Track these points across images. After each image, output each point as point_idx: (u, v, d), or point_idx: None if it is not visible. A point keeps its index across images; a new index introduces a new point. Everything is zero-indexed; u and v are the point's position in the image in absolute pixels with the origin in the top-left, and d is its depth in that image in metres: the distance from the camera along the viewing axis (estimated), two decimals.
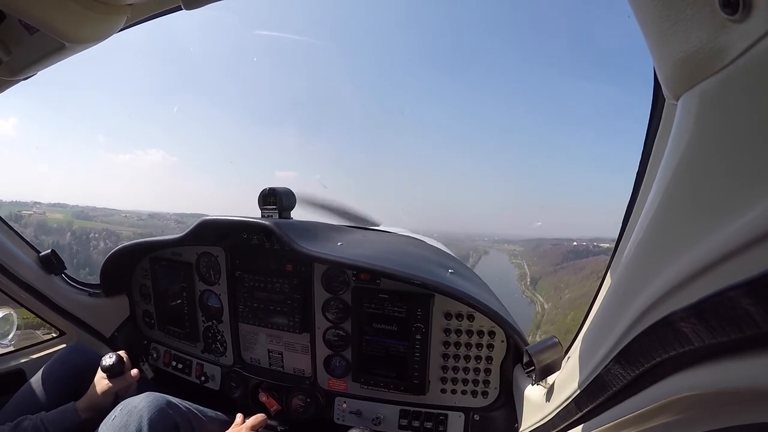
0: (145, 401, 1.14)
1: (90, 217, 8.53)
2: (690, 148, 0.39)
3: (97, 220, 8.24)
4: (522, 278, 9.46)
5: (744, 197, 0.31)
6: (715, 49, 0.34)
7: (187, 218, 6.91)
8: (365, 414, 1.48)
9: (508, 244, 11.14)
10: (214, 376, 1.73)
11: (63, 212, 8.38)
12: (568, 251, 8.72)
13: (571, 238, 9.19)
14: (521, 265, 9.51)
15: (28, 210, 6.63)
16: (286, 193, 1.57)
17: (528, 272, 9.03)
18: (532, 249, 10.74)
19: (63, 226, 7.69)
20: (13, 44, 0.96)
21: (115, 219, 8.26)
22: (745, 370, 0.34)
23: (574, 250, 8.85)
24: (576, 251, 8.49)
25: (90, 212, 8.73)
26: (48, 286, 1.70)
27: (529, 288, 8.69)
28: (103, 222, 8.11)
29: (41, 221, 7.31)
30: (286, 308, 1.56)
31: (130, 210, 9.58)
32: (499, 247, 11.45)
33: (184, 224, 7.15)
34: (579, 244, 8.38)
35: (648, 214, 0.46)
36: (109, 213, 8.54)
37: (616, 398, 0.58)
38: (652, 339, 0.44)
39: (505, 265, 10.14)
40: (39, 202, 7.94)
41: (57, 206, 8.51)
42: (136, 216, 8.30)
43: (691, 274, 0.36)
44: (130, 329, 1.94)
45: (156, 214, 9.24)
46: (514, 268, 10.06)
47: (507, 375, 1.35)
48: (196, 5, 0.84)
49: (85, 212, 8.70)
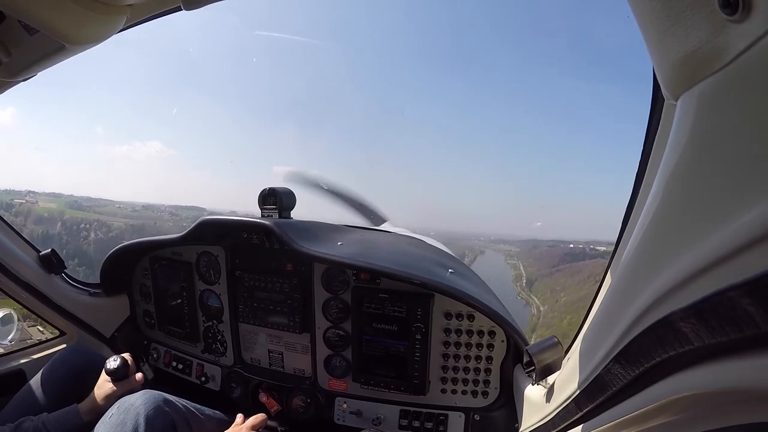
0: (142, 399, 1.14)
1: (83, 207, 8.47)
2: (689, 148, 0.39)
3: (90, 210, 8.18)
4: (518, 279, 9.32)
5: (744, 197, 0.31)
6: (714, 49, 0.34)
7: (182, 210, 6.91)
8: (365, 414, 1.48)
9: (504, 244, 11.09)
10: (214, 377, 1.73)
11: (57, 202, 8.32)
12: (565, 253, 8.64)
13: (567, 240, 9.10)
14: (517, 266, 9.39)
15: (20, 199, 6.57)
16: (286, 193, 1.57)
17: (524, 273, 8.89)
18: (529, 250, 10.69)
19: (54, 215, 7.61)
20: (13, 45, 0.96)
21: (108, 210, 8.22)
22: (745, 370, 0.34)
23: (570, 252, 8.78)
24: (572, 254, 8.42)
25: (84, 202, 8.70)
26: (48, 286, 1.70)
27: (525, 289, 8.55)
28: (95, 212, 8.04)
29: (32, 210, 7.21)
30: (286, 308, 1.56)
31: (124, 201, 9.59)
32: (495, 247, 11.42)
33: (178, 216, 7.10)
34: (575, 246, 8.30)
35: (648, 214, 0.46)
36: (103, 203, 8.54)
37: (616, 398, 0.58)
38: (652, 339, 0.44)
39: (501, 265, 10.09)
40: (34, 192, 7.94)
41: (52, 196, 8.50)
42: (130, 207, 8.30)
43: (690, 274, 0.36)
44: (131, 329, 1.94)
45: (150, 205, 9.20)
46: (509, 268, 9.97)
47: (507, 375, 1.35)
48: (196, 5, 0.84)
49: (78, 202, 8.66)
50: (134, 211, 7.61)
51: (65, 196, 7.82)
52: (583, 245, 5.68)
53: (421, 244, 1.77)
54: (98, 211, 7.66)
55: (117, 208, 7.91)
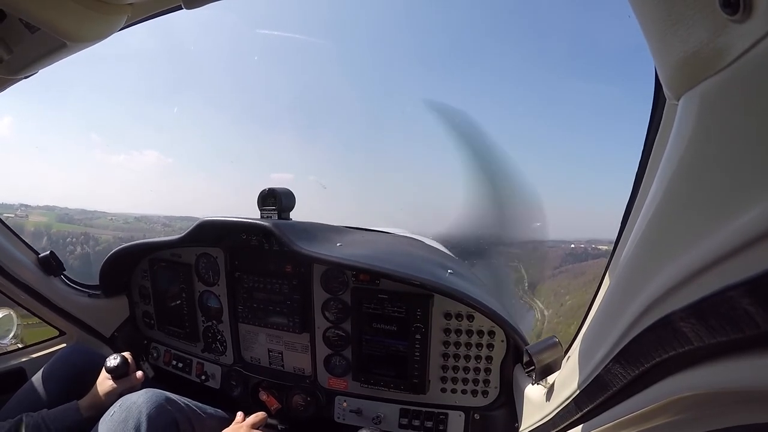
0: (144, 397, 1.15)
1: (74, 220, 8.18)
2: (690, 148, 0.39)
3: (81, 223, 7.89)
4: (519, 282, 8.90)
5: (744, 197, 0.31)
6: (716, 49, 0.34)
7: (175, 221, 6.67)
8: (365, 413, 1.48)
9: (504, 246, 10.77)
10: (214, 375, 1.73)
11: (48, 215, 8.02)
12: (567, 254, 8.23)
13: (568, 240, 8.80)
14: (518, 268, 9.01)
15: (10, 213, 6.29)
16: (286, 193, 1.57)
17: (525, 276, 8.49)
18: (529, 252, 10.32)
19: (41, 229, 7.34)
20: (14, 43, 0.96)
21: (99, 222, 7.94)
22: (745, 370, 0.34)
23: (572, 252, 8.36)
24: (575, 254, 8.01)
25: (77, 215, 8.39)
26: (47, 288, 1.70)
27: (527, 292, 8.15)
28: (85, 225, 7.77)
29: (21, 225, 6.91)
30: (286, 309, 1.56)
31: (118, 213, 9.28)
32: (496, 250, 11.04)
33: (171, 227, 6.95)
34: (577, 246, 7.94)
35: (648, 214, 0.46)
36: (97, 216, 8.24)
37: (616, 398, 0.59)
38: (652, 339, 0.44)
39: (502, 267, 9.72)
40: (27, 205, 7.66)
41: (45, 209, 8.23)
42: (123, 219, 8.01)
43: (690, 274, 0.36)
44: (130, 329, 1.94)
45: (144, 216, 8.92)
46: (510, 271, 9.57)
47: (507, 374, 1.35)
48: (196, 5, 0.84)
49: (70, 215, 8.35)
50: (126, 223, 7.40)
51: (59, 209, 7.52)
52: (585, 245, 5.53)
53: (421, 244, 1.77)
54: (88, 224, 7.42)
55: (109, 221, 7.65)
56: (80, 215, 7.77)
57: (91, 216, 7.71)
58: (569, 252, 4.96)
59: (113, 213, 7.90)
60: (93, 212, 7.86)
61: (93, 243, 7.40)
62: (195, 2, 0.83)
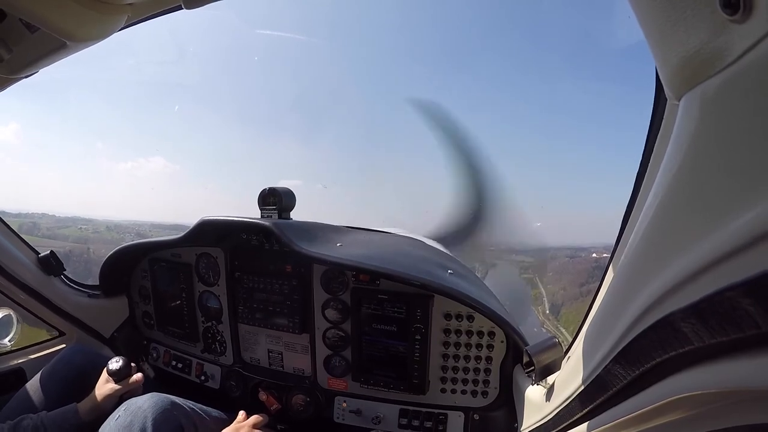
0: (150, 401, 1.14)
1: (38, 229, 7.75)
2: (691, 148, 0.39)
3: (42, 234, 7.44)
4: (538, 300, 7.45)
5: (744, 197, 0.31)
6: (716, 49, 0.34)
7: (157, 229, 6.07)
8: (365, 413, 1.48)
9: (516, 254, 9.98)
10: (213, 376, 1.73)
11: (13, 223, 7.55)
12: (593, 267, 6.99)
13: (585, 247, 8.14)
14: (533, 281, 7.99)
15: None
16: (286, 193, 1.57)
17: (544, 292, 7.22)
18: (545, 261, 9.31)
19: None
20: (14, 42, 0.96)
21: (63, 233, 7.49)
22: (746, 370, 0.34)
23: (598, 265, 6.93)
24: (601, 267, 6.93)
25: (47, 223, 7.96)
26: (47, 288, 1.69)
27: (550, 318, 6.64)
28: (43, 236, 7.29)
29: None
30: (286, 309, 1.55)
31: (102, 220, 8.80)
32: (507, 258, 10.26)
33: (142, 237, 6.75)
34: (599, 255, 6.99)
35: (648, 214, 0.46)
36: (66, 224, 7.78)
37: (616, 398, 0.59)
38: (652, 339, 0.44)
39: (517, 281, 8.60)
40: (21, 213, 7.39)
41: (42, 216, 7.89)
42: (93, 228, 7.56)
43: (691, 274, 0.36)
44: (130, 329, 1.94)
45: (118, 225, 8.31)
46: (526, 284, 8.46)
47: (507, 375, 1.35)
48: (196, 5, 0.84)
49: (38, 224, 7.94)
50: (95, 233, 6.97)
51: (24, 215, 6.75)
52: (603, 250, 5.09)
53: (421, 245, 1.76)
54: (50, 235, 6.88)
55: (78, 229, 7.12)
56: (52, 223, 7.28)
57: (62, 224, 7.26)
58: (591, 262, 4.89)
59: (95, 220, 7.45)
60: (66, 218, 7.40)
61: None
62: (195, 2, 0.83)
